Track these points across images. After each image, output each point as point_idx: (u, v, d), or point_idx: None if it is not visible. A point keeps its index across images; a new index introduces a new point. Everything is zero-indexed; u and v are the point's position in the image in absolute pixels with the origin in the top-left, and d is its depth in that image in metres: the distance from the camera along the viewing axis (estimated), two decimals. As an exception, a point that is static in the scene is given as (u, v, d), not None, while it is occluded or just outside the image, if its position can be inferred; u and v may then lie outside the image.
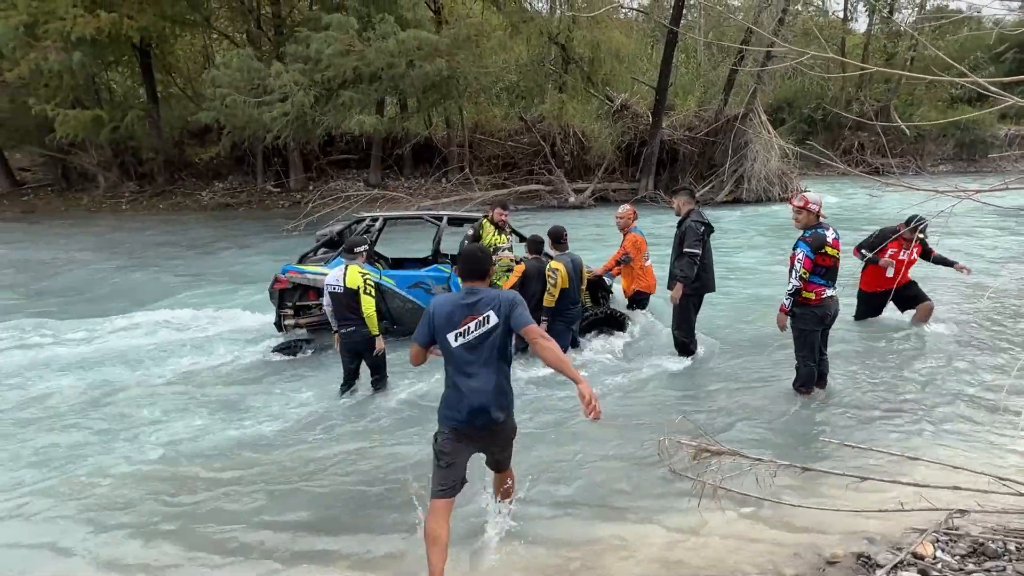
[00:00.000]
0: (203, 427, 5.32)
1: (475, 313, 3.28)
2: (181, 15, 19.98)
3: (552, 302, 6.24)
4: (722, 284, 9.25)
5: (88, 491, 4.34)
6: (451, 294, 3.53)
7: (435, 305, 3.38)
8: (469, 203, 18.02)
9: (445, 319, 3.30)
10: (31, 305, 9.67)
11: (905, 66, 29.25)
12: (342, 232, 7.86)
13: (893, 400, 5.43)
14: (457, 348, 3.29)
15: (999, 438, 4.71)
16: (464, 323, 3.28)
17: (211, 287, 10.60)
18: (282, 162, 22.57)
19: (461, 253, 3.59)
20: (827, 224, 5.18)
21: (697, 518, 3.55)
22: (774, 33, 18.08)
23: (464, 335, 3.28)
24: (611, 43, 21.83)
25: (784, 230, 14.05)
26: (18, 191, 23.01)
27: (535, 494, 4.14)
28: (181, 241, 15.48)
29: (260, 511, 4.09)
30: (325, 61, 15.87)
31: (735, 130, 20.26)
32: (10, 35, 16.43)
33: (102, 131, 19.14)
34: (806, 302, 5.17)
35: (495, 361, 3.29)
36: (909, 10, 31.87)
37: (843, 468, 3.86)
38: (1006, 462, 4.30)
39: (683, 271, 6.00)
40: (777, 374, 5.97)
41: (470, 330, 3.28)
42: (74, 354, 7.18)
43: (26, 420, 5.49)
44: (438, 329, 3.31)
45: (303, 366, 6.79)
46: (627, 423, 5.14)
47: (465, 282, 3.40)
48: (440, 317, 3.31)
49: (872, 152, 29.86)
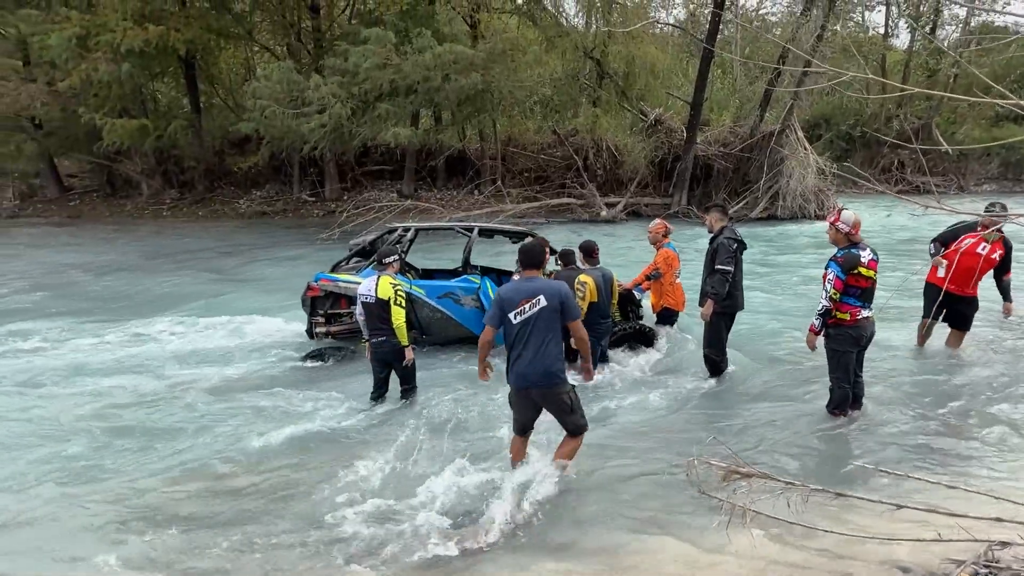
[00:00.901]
0: (234, 432, 5.40)
1: (530, 296, 4.14)
2: (225, 28, 20.57)
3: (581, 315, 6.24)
4: (755, 301, 9.15)
5: (120, 496, 4.42)
6: (514, 282, 4.35)
7: (502, 292, 4.25)
8: (501, 215, 18.09)
9: (509, 302, 4.18)
10: (71, 308, 9.97)
11: (948, 83, 28.62)
12: (374, 242, 7.96)
13: (931, 426, 5.27)
14: (516, 325, 4.17)
15: (1043, 469, 4.54)
16: (520, 304, 4.15)
17: (245, 293, 10.82)
18: (318, 172, 22.96)
19: (522, 248, 4.39)
20: (863, 244, 5.07)
21: (725, 539, 3.49)
22: (812, 49, 17.87)
23: (521, 314, 4.15)
24: (646, 58, 21.82)
25: (820, 248, 13.79)
26: (66, 196, 23.80)
27: (561, 508, 4.12)
28: (218, 248, 15.83)
29: (290, 515, 4.13)
30: (363, 74, 16.17)
31: (771, 146, 20.02)
32: (64, 46, 17.08)
33: (147, 139, 19.74)
34: (840, 322, 5.06)
35: (543, 337, 4.12)
36: (952, 27, 31.23)
37: (878, 495, 3.76)
38: (1051, 494, 4.15)
39: (714, 288, 5.92)
40: (810, 395, 5.85)
41: (525, 310, 4.14)
42: (109, 359, 7.37)
43: (59, 423, 5.62)
44: (505, 310, 4.18)
45: (334, 374, 6.87)
46: (656, 441, 5.08)
47: (525, 271, 4.30)
48: (506, 301, 4.19)
49: (913, 170, 29.13)
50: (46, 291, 11.18)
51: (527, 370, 4.14)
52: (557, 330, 4.17)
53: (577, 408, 4.34)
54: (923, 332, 6.94)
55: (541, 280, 4.25)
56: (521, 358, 4.17)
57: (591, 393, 6.12)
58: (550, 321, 4.14)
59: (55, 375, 6.78)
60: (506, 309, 4.18)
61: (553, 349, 4.16)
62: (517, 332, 4.17)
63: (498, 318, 4.23)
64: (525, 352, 4.14)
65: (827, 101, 29.37)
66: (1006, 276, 6.50)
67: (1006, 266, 6.44)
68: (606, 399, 5.94)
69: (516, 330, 4.17)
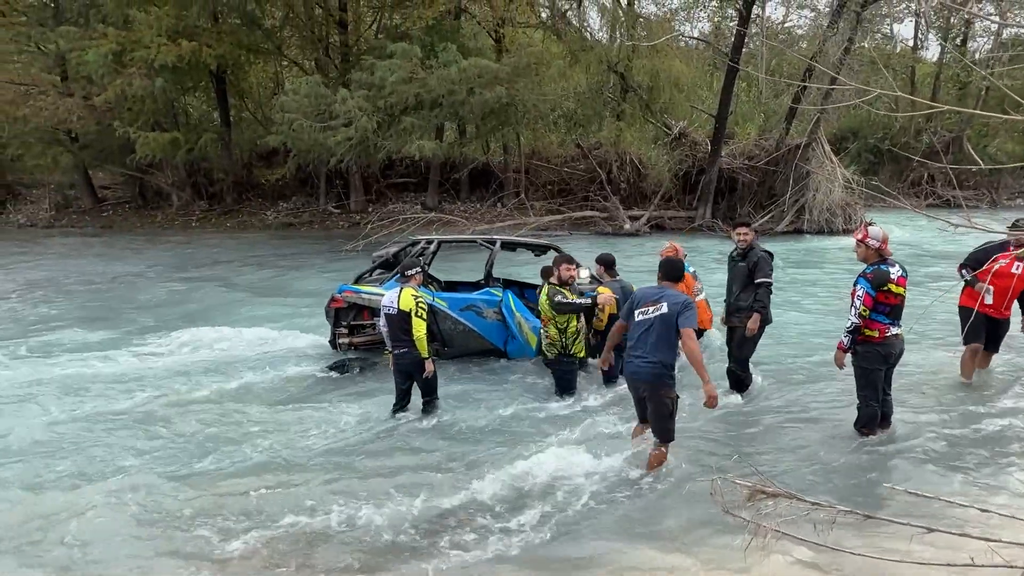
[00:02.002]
0: (257, 442, 5.45)
1: (655, 301, 4.60)
2: (255, 44, 20.99)
3: (601, 326, 6.37)
4: (781, 318, 9.02)
5: (142, 504, 4.46)
6: (650, 286, 4.82)
7: (637, 293, 4.83)
8: (524, 228, 18.12)
9: (639, 302, 4.71)
10: (96, 317, 10.18)
11: (979, 96, 28.09)
12: (397, 254, 8.02)
13: (963, 446, 5.14)
14: (636, 324, 4.66)
15: (1082, 493, 4.39)
16: (645, 306, 4.64)
17: (270, 304, 10.95)
18: (343, 184, 23.23)
19: (663, 261, 4.87)
20: (892, 260, 4.99)
21: (749, 560, 3.43)
22: (839, 63, 17.69)
23: (644, 314, 4.62)
24: (670, 71, 21.77)
25: (847, 263, 13.58)
26: (99, 207, 24.39)
27: (578, 523, 4.09)
28: (245, 259, 16.07)
29: (308, 526, 4.15)
30: (389, 88, 16.36)
31: (797, 160, 19.81)
32: (101, 62, 17.56)
33: (178, 152, 20.15)
34: (869, 340, 4.97)
35: (657, 340, 4.54)
36: (984, 38, 30.70)
37: (908, 517, 3.67)
38: (1090, 519, 4.01)
39: (760, 301, 5.90)
40: (837, 413, 5.74)
41: (648, 312, 4.61)
42: (129, 367, 7.49)
43: (84, 432, 5.70)
44: (633, 308, 4.71)
45: (357, 384, 6.91)
46: (677, 457, 5.01)
47: (660, 282, 4.76)
48: (637, 301, 4.73)
49: (943, 184, 28.56)
50: (79, 300, 11.44)
51: (638, 366, 4.60)
52: (672, 337, 4.55)
53: (674, 416, 4.68)
54: (969, 361, 6.47)
55: (671, 291, 4.68)
56: (633, 356, 4.66)
57: (610, 409, 6.08)
58: (667, 326, 4.52)
59: (85, 383, 6.91)
60: (634, 307, 4.72)
61: (665, 353, 4.56)
62: (636, 328, 4.66)
63: (627, 314, 4.78)
64: (639, 349, 4.61)
65: (854, 114, 28.96)
66: None
67: None
68: (627, 413, 5.88)
69: (635, 328, 4.67)
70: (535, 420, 5.87)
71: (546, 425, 5.73)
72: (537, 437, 5.44)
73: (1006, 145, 29.44)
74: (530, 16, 22.71)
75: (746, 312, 5.94)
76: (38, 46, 20.85)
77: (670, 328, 4.52)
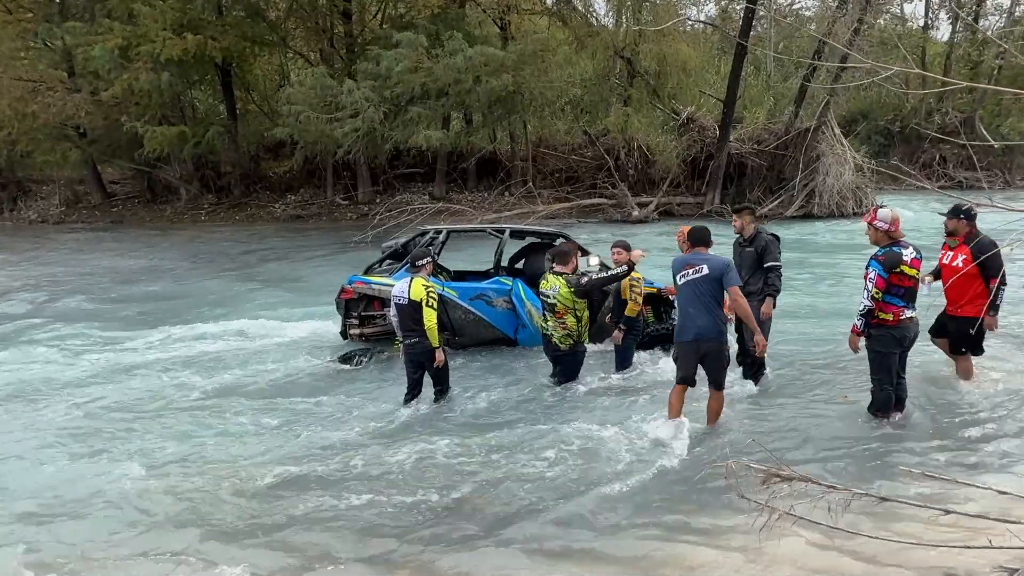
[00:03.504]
0: (268, 434, 5.48)
1: (694, 264, 4.96)
2: (260, 36, 20.95)
3: (636, 310, 6.30)
4: (793, 302, 8.98)
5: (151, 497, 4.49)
6: (683, 256, 5.17)
7: (675, 261, 5.14)
8: (532, 216, 18.08)
9: (679, 267, 5.06)
10: (108, 311, 10.26)
11: (992, 75, 27.70)
12: (406, 244, 8.03)
13: (978, 428, 5.10)
14: (680, 287, 5.04)
15: (1100, 474, 4.36)
16: (684, 269, 5.00)
17: (280, 296, 11.00)
18: (351, 176, 23.23)
19: (691, 229, 5.24)
20: (905, 242, 4.93)
21: (764, 544, 3.43)
22: (849, 43, 17.47)
23: (684, 277, 4.98)
24: (678, 56, 21.59)
25: (859, 246, 13.48)
26: (109, 202, 24.53)
27: (596, 509, 4.10)
28: (254, 251, 16.13)
29: (323, 517, 4.18)
30: (395, 78, 16.30)
31: (806, 143, 19.63)
32: (107, 57, 17.58)
33: (186, 146, 20.19)
34: (883, 323, 4.93)
35: (706, 300, 4.90)
36: (996, 17, 30.23)
37: (924, 500, 3.66)
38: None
39: (773, 284, 5.88)
40: (852, 397, 5.71)
41: (688, 274, 4.96)
42: (143, 360, 7.53)
43: (93, 425, 5.74)
44: (674, 274, 5.10)
45: (368, 375, 6.94)
46: (691, 442, 5.02)
47: (692, 248, 5.08)
48: (676, 267, 5.09)
49: (955, 165, 28.26)
50: (91, 294, 11.52)
51: (700, 326, 4.90)
52: (720, 295, 4.92)
53: (727, 366, 5.16)
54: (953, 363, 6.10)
55: (707, 254, 5.05)
56: (686, 315, 4.98)
57: (623, 395, 6.08)
58: (713, 287, 4.88)
59: (95, 375, 6.98)
60: (675, 273, 5.09)
61: (718, 311, 4.95)
62: (683, 294, 5.01)
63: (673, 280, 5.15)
64: (690, 309, 4.94)
65: (864, 96, 28.64)
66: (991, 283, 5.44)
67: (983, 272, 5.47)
68: (638, 399, 5.89)
69: (680, 291, 5.04)
70: (547, 406, 5.89)
71: (558, 410, 5.75)
72: (549, 423, 5.45)
73: (1020, 124, 29.00)
74: (535, 2, 22.54)
75: (756, 297, 5.91)
76: (44, 42, 20.89)
77: (716, 287, 4.89)
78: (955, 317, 5.67)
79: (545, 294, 6.11)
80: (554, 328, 6.07)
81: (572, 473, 4.60)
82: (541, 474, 4.60)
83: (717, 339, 4.97)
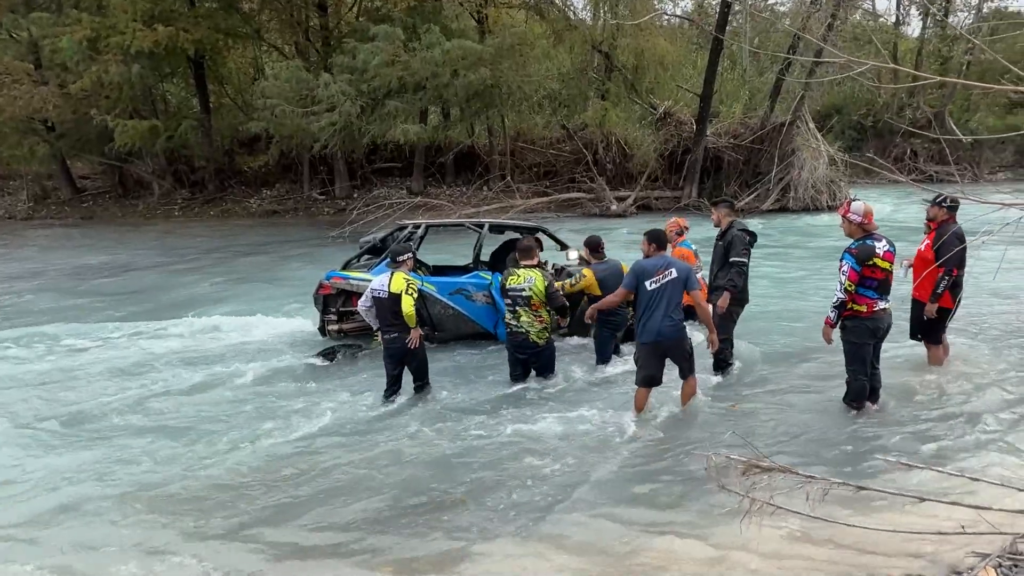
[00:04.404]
0: (246, 432, 5.40)
1: (664, 269, 5.09)
2: (233, 28, 20.63)
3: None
4: (768, 295, 9.08)
5: (135, 497, 4.42)
6: (651, 259, 5.18)
7: (640, 265, 5.15)
8: (511, 211, 18.07)
9: (646, 273, 5.10)
10: (82, 308, 10.04)
11: (961, 71, 28.25)
12: (385, 239, 7.97)
13: (952, 417, 5.20)
14: (651, 291, 5.08)
15: (1068, 460, 4.47)
16: (657, 274, 5.08)
17: (257, 292, 10.86)
18: (328, 170, 23.02)
19: (651, 232, 5.29)
20: (878, 235, 5.01)
21: (744, 534, 3.46)
22: (822, 39, 17.68)
23: (656, 282, 5.06)
24: (655, 50, 21.68)
25: (833, 239, 13.68)
26: (79, 198, 24.02)
27: (576, 501, 4.12)
28: (230, 247, 15.91)
29: (304, 513, 4.15)
30: (371, 71, 16.15)
31: (781, 137, 19.86)
32: (75, 49, 17.22)
33: (158, 140, 19.85)
34: (857, 314, 5.00)
35: (671, 301, 5.07)
36: (965, 13, 30.82)
37: (899, 488, 3.73)
38: (1075, 485, 4.08)
39: (732, 280, 5.90)
40: (827, 388, 5.79)
41: (659, 279, 5.06)
42: (119, 358, 7.37)
43: (68, 425, 5.61)
44: (641, 279, 5.12)
45: (347, 371, 6.88)
46: (669, 435, 5.06)
47: (656, 252, 5.20)
48: (644, 272, 5.11)
49: (926, 159, 28.85)
50: (61, 292, 11.28)
51: (661, 326, 5.05)
52: (680, 297, 5.14)
53: (693, 356, 5.38)
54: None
55: (669, 257, 5.30)
56: (653, 318, 5.07)
57: (605, 387, 6.11)
58: (677, 289, 5.09)
59: (68, 374, 6.84)
60: (642, 278, 5.11)
61: (680, 312, 5.14)
62: (651, 296, 5.08)
63: (633, 285, 5.17)
64: (657, 313, 5.06)
65: (838, 91, 29.07)
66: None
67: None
68: (618, 392, 5.92)
69: (650, 295, 5.09)
70: (527, 401, 5.88)
71: (537, 404, 5.74)
72: (529, 417, 5.46)
73: (987, 119, 29.66)
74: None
75: (721, 290, 5.97)
76: (10, 33, 20.40)
77: (680, 290, 5.12)
78: (916, 301, 5.95)
79: (518, 288, 5.94)
80: (529, 324, 5.96)
81: (552, 467, 4.61)
82: (520, 468, 4.61)
83: (677, 335, 5.16)
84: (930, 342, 6.09)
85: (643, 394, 5.34)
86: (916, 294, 5.92)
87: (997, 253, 5.62)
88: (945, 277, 5.61)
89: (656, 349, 5.18)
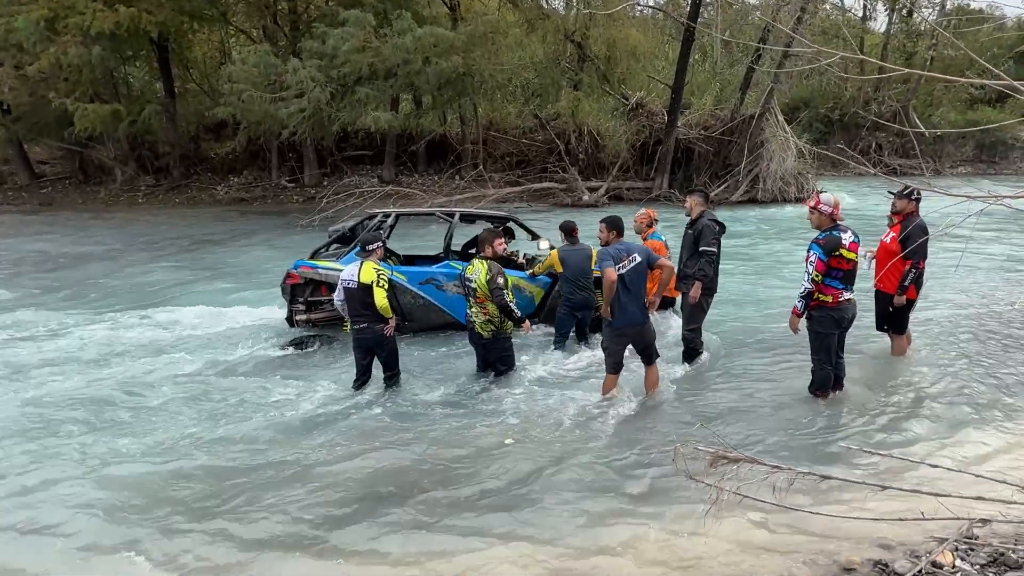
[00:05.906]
0: (213, 423, 5.32)
1: (629, 254, 5.21)
2: (198, 10, 20.04)
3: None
4: (736, 285, 9.19)
5: (102, 488, 4.34)
6: (614, 246, 5.27)
7: (609, 251, 5.20)
8: (483, 200, 17.98)
9: (615, 258, 5.15)
10: (43, 298, 9.76)
11: (925, 66, 28.84)
12: (354, 228, 7.86)
13: (913, 405, 5.33)
14: (620, 276, 5.12)
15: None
16: (623, 260, 5.17)
17: (224, 282, 10.65)
18: (297, 158, 22.62)
19: (609, 219, 5.41)
20: (844, 226, 5.09)
21: (712, 524, 3.50)
22: (793, 30, 17.86)
23: (624, 267, 5.15)
24: (627, 41, 21.66)
25: (800, 231, 13.90)
26: (37, 184, 23.22)
27: (543, 493, 4.12)
28: (196, 235, 15.57)
29: (271, 506, 4.09)
30: (341, 57, 15.87)
31: (751, 129, 20.06)
32: (31, 29, 16.57)
33: (120, 125, 19.24)
34: (823, 304, 5.09)
35: (638, 287, 5.22)
36: (929, 9, 31.44)
37: (862, 474, 3.81)
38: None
39: (702, 270, 5.94)
40: (792, 377, 5.88)
41: (626, 265, 5.16)
42: (84, 349, 7.20)
43: (34, 418, 5.46)
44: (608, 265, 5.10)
45: (316, 361, 6.79)
46: (638, 425, 5.09)
47: (617, 239, 5.30)
48: (614, 257, 5.16)
49: (890, 153, 29.48)
50: (21, 281, 10.92)
51: (633, 313, 5.20)
52: (645, 281, 5.28)
53: (654, 339, 5.49)
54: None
55: (630, 243, 5.38)
56: (621, 304, 5.17)
57: (573, 377, 6.12)
58: (642, 274, 5.23)
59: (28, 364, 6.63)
60: (615, 262, 5.16)
61: (644, 297, 5.28)
62: (621, 282, 5.15)
63: (612, 264, 5.15)
64: (625, 300, 5.16)
65: (806, 84, 29.48)
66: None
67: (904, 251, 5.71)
68: (585, 383, 5.93)
69: (620, 280, 5.15)
70: (493, 391, 5.85)
71: (503, 396, 5.72)
72: (496, 408, 5.46)
73: (949, 114, 30.35)
74: (485, -17, 22.26)
75: (691, 279, 6.01)
76: (-39, 12, 19.53)
77: (644, 274, 5.26)
78: (879, 292, 6.06)
79: (469, 279, 5.88)
80: (475, 315, 5.90)
81: (517, 457, 4.61)
82: (488, 459, 4.61)
83: (643, 321, 5.29)
84: (895, 332, 6.23)
85: (611, 380, 5.47)
86: (880, 286, 6.04)
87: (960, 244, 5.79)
88: (912, 270, 5.74)
89: (626, 333, 5.29)
